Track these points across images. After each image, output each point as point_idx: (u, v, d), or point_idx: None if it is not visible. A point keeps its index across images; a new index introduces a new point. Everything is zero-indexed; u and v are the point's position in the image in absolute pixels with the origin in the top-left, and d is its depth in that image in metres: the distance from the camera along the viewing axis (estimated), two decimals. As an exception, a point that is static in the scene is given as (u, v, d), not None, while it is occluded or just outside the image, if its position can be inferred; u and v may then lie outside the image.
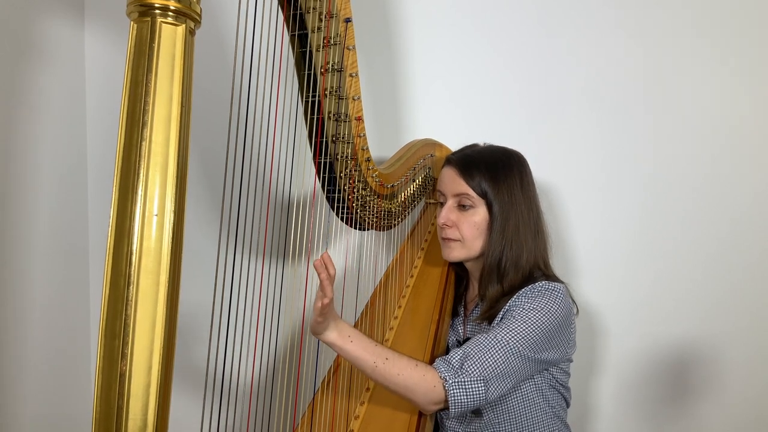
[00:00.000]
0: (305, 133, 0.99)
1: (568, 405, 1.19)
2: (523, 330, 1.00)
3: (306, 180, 1.03)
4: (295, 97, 0.97)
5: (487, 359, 0.97)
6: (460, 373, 0.96)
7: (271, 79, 0.84)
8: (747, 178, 1.41)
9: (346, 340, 0.93)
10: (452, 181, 1.14)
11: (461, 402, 0.95)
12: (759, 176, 1.41)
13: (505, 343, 0.99)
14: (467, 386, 0.95)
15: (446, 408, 0.97)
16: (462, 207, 1.13)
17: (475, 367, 0.96)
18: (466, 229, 1.13)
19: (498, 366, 0.97)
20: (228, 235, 0.78)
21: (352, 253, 1.49)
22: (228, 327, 0.80)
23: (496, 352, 0.98)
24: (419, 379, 0.95)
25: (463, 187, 1.12)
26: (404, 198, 1.28)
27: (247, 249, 0.84)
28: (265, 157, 0.91)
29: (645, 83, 1.44)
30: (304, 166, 1.01)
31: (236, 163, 0.81)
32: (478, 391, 0.95)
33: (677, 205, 1.44)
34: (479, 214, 1.12)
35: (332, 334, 0.93)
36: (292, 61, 0.95)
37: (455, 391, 0.94)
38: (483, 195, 1.11)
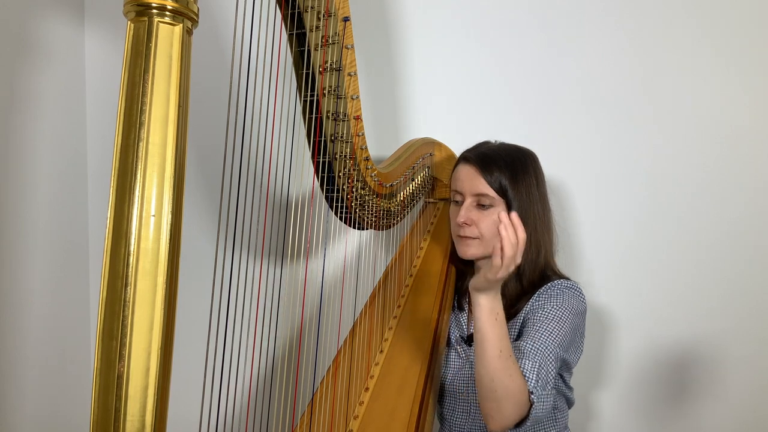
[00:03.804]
0: (304, 132, 0.99)
1: (570, 405, 1.19)
2: (559, 333, 1.01)
3: (304, 179, 1.03)
4: (294, 96, 0.97)
5: (550, 370, 0.97)
6: (539, 383, 0.94)
7: (269, 79, 0.84)
8: (750, 178, 1.41)
9: (492, 315, 0.91)
10: (471, 181, 1.13)
11: (540, 416, 0.94)
12: (761, 176, 1.41)
13: (552, 349, 0.99)
14: (545, 400, 0.94)
15: (518, 425, 0.94)
16: (481, 206, 1.13)
17: (549, 377, 0.96)
18: (486, 227, 1.13)
19: (554, 374, 0.98)
20: (226, 236, 0.78)
21: (351, 252, 1.49)
22: (226, 328, 0.79)
23: (549, 359, 0.98)
24: (521, 383, 0.91)
25: (483, 186, 1.11)
26: (403, 197, 1.27)
27: (245, 249, 0.83)
28: (264, 157, 0.90)
29: (646, 83, 1.43)
30: (303, 166, 1.01)
31: (234, 162, 0.81)
32: (550, 401, 0.96)
33: (679, 205, 1.44)
34: (498, 213, 1.12)
35: (485, 300, 0.90)
36: (290, 60, 0.95)
37: (539, 404, 0.93)
38: (503, 195, 1.11)
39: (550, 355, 0.98)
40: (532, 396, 0.92)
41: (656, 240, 1.45)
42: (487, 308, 0.92)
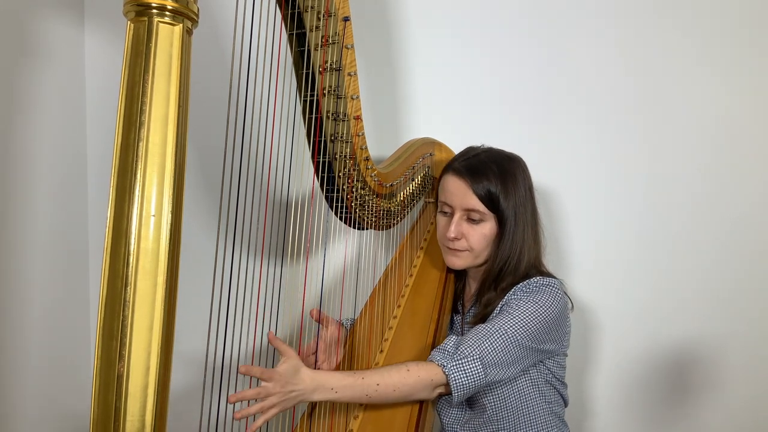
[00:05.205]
0: (304, 132, 0.99)
1: (566, 403, 1.19)
2: (520, 320, 1.02)
3: (304, 179, 1.03)
4: (294, 96, 0.97)
5: (482, 343, 0.99)
6: (455, 356, 0.98)
7: (269, 79, 0.84)
8: (747, 179, 1.41)
9: (331, 393, 0.93)
10: (462, 196, 1.12)
11: (462, 384, 0.96)
12: (759, 177, 1.40)
13: (503, 331, 1.01)
14: (465, 366, 0.96)
15: (448, 393, 0.98)
16: (471, 220, 1.13)
17: (470, 349, 0.98)
18: (476, 241, 1.13)
19: (495, 350, 0.99)
20: (226, 235, 0.78)
21: (351, 252, 1.49)
22: (227, 327, 0.80)
23: (493, 337, 1.00)
24: (416, 382, 0.96)
25: (474, 202, 1.11)
26: (403, 197, 1.27)
27: (245, 249, 0.83)
28: (264, 157, 0.90)
29: (643, 85, 1.43)
30: (303, 166, 1.01)
31: (234, 162, 0.81)
32: (476, 370, 0.97)
33: (677, 206, 1.44)
34: (488, 226, 1.12)
35: (315, 396, 0.92)
36: (290, 60, 0.95)
37: (455, 374, 0.96)
38: (494, 210, 1.11)
39: (498, 336, 0.99)
40: (445, 369, 0.96)
41: (655, 241, 1.45)
42: (324, 397, 0.93)
